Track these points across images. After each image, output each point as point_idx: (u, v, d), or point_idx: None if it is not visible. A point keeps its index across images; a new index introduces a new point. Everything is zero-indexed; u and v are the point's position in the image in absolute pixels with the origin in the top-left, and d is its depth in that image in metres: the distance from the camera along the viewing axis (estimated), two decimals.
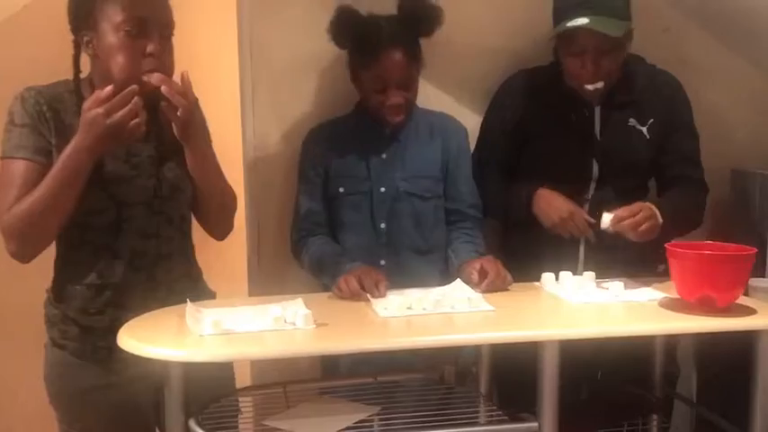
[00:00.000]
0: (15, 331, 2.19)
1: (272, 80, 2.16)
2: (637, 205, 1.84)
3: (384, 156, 2.01)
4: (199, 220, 1.83)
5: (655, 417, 2.00)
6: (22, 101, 1.63)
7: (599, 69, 1.93)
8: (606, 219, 1.83)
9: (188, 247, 1.81)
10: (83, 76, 1.68)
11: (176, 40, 1.68)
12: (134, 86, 1.54)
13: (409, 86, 1.95)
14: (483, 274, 1.79)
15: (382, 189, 1.99)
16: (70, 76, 1.67)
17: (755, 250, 1.63)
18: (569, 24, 1.87)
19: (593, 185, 2.03)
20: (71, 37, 1.66)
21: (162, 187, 1.70)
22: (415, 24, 1.94)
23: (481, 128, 2.16)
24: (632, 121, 2.02)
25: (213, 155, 1.73)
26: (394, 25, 1.93)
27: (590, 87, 1.95)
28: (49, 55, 2.07)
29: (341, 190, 2.00)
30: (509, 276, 1.82)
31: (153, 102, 1.60)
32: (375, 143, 2.01)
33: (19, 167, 1.59)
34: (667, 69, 2.08)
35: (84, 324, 1.67)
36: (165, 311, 1.62)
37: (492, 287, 1.77)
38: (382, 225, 1.99)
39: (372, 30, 1.92)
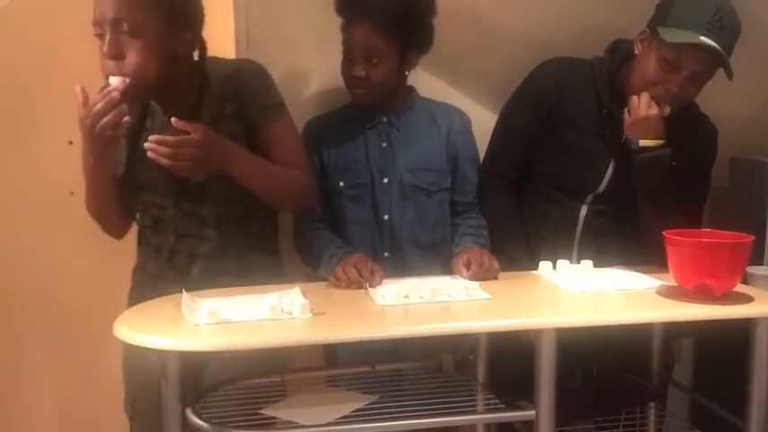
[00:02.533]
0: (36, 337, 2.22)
1: (270, 68, 2.14)
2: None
3: (384, 144, 1.99)
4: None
5: (652, 405, 2.01)
6: None
7: (682, 93, 1.89)
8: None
9: (233, 245, 1.79)
10: None
11: None
12: (111, 92, 1.56)
13: (375, 63, 1.89)
14: (468, 264, 1.79)
15: (385, 180, 1.97)
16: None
17: (753, 238, 1.62)
18: (700, 40, 1.80)
19: (603, 184, 2.02)
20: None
21: (190, 189, 1.73)
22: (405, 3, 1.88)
23: (502, 119, 2.10)
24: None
25: (246, 160, 1.71)
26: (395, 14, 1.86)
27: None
28: (37, 49, 2.07)
29: (341, 184, 1.98)
30: (496, 265, 1.81)
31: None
32: (373, 131, 1.99)
33: None
34: None
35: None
36: (162, 301, 1.62)
37: (476, 277, 1.75)
38: (385, 217, 1.98)
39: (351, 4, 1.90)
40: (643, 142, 1.90)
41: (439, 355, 1.79)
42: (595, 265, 1.85)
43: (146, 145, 1.59)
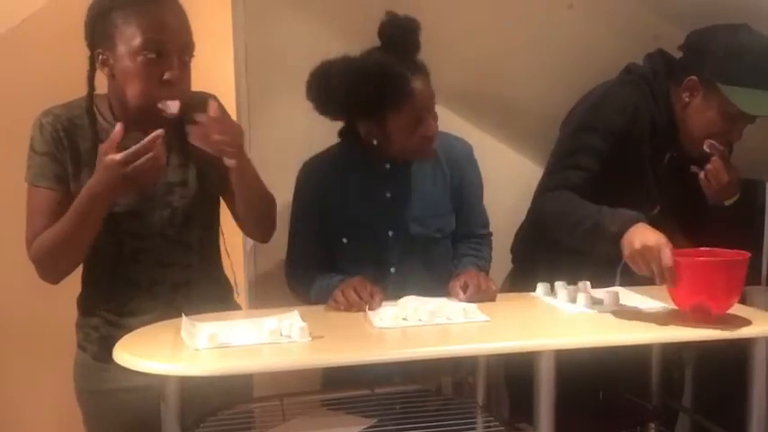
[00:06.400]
0: (45, 341, 2.22)
1: (268, 92, 2.17)
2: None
3: (388, 194, 1.91)
4: (242, 227, 1.82)
5: (652, 425, 2.00)
6: (40, 128, 1.63)
7: (739, 137, 1.94)
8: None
9: (211, 269, 1.80)
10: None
11: None
12: (159, 132, 1.50)
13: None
14: (464, 287, 1.78)
15: (390, 233, 1.91)
16: (75, 90, 1.65)
17: (749, 254, 1.60)
18: None
19: (657, 208, 2.04)
20: (86, 52, 1.62)
21: (176, 216, 1.69)
22: (408, 45, 1.83)
23: (583, 129, 1.99)
24: (695, 168, 2.03)
25: (249, 162, 1.69)
26: (396, 49, 1.81)
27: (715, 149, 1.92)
28: (48, 67, 2.08)
29: (344, 240, 1.91)
30: (493, 287, 1.81)
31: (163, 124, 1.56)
32: (376, 183, 1.90)
33: (42, 196, 1.63)
34: None
35: (104, 333, 1.70)
36: (161, 325, 1.62)
37: (473, 300, 1.75)
38: (392, 270, 1.92)
39: (388, 66, 1.77)
40: (728, 201, 1.99)
41: (438, 378, 1.79)
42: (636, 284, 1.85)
43: (172, 104, 1.54)
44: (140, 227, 1.67)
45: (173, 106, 1.55)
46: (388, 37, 1.82)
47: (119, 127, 1.50)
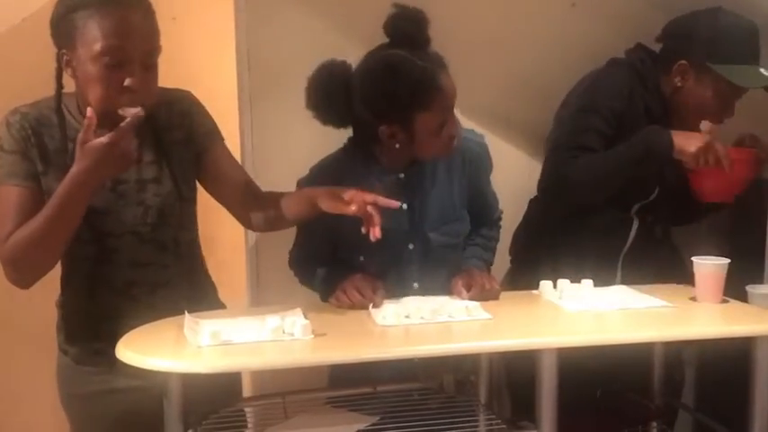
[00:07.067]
0: (46, 339, 2.22)
1: (270, 93, 2.17)
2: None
3: (405, 206, 1.77)
4: (246, 225, 1.82)
5: (654, 424, 2.00)
6: (7, 126, 1.60)
7: (732, 113, 1.99)
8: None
9: (192, 269, 1.77)
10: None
11: (174, 55, 1.64)
12: (138, 111, 1.48)
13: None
14: (468, 286, 1.77)
15: (410, 246, 1.82)
16: (75, 88, 1.61)
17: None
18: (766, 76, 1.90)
19: (655, 192, 2.07)
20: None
21: (149, 214, 1.66)
22: (417, 36, 1.73)
23: (582, 113, 2.01)
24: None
25: None
26: (412, 49, 1.70)
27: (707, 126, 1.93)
28: (48, 67, 2.08)
29: (361, 259, 1.81)
30: (496, 286, 1.80)
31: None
32: (391, 194, 1.64)
33: (12, 195, 1.58)
34: None
35: (85, 337, 1.68)
36: (164, 323, 1.62)
37: (476, 299, 1.74)
38: (415, 285, 1.84)
39: (421, 65, 1.67)
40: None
41: (440, 376, 1.79)
42: (637, 279, 1.88)
43: (131, 111, 1.48)
44: (113, 225, 1.64)
45: (133, 112, 1.50)
46: (397, 30, 1.72)
47: (90, 113, 1.46)
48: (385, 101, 1.69)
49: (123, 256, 1.66)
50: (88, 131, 1.46)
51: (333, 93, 1.73)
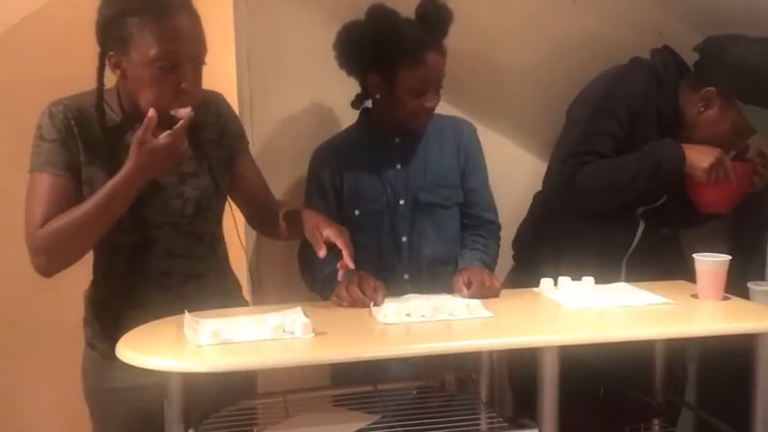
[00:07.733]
0: (48, 338, 2.22)
1: (270, 87, 2.17)
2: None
3: (399, 166, 1.97)
4: (257, 229, 1.93)
5: (656, 422, 2.00)
6: (50, 116, 1.63)
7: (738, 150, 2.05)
8: None
9: (222, 263, 1.82)
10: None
11: None
12: (188, 111, 1.55)
13: (438, 91, 1.92)
14: (468, 283, 1.78)
15: (401, 202, 1.96)
16: (75, 87, 1.65)
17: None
18: None
19: (663, 198, 2.08)
20: (88, 50, 1.60)
21: (187, 206, 1.70)
22: (439, 27, 1.89)
23: (597, 115, 2.03)
24: None
25: None
26: (428, 28, 1.87)
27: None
28: (48, 66, 2.08)
29: (356, 213, 1.97)
30: (497, 284, 1.81)
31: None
32: (387, 155, 1.97)
33: (47, 183, 1.61)
34: None
35: (115, 330, 1.66)
36: (164, 322, 1.62)
37: (477, 296, 1.75)
38: (404, 239, 1.97)
39: (415, 30, 1.86)
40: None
41: (441, 374, 1.79)
42: (641, 280, 1.88)
43: (184, 112, 1.56)
44: (154, 215, 1.67)
45: (185, 113, 1.56)
46: (423, 16, 1.88)
47: (152, 113, 1.51)
48: (376, 47, 1.85)
49: (161, 246, 1.70)
50: (146, 131, 1.51)
51: (351, 37, 1.90)
